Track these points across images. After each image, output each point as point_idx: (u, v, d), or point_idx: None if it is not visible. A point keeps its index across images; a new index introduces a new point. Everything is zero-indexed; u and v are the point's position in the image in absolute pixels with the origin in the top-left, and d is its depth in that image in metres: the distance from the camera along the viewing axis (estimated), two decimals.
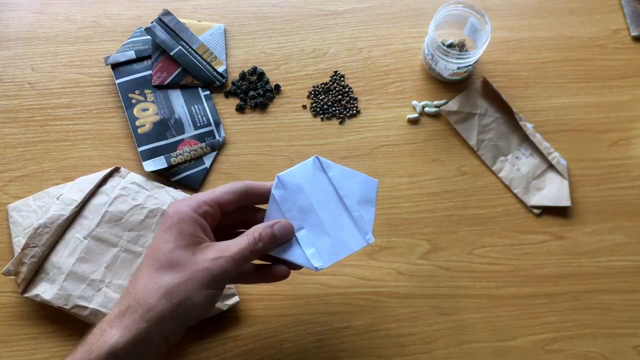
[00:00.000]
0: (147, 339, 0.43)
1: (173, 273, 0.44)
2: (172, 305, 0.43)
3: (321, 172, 0.53)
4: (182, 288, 0.44)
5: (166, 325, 0.44)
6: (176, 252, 0.45)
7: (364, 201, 0.54)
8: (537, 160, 0.66)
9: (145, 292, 0.44)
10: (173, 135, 0.66)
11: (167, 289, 0.44)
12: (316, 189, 0.52)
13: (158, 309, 0.43)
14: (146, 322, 0.43)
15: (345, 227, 0.53)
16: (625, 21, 0.72)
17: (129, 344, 0.43)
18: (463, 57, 0.63)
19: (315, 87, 0.69)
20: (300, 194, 0.52)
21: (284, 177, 0.51)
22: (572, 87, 0.69)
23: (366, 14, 0.72)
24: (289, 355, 0.59)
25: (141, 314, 0.43)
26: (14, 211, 0.61)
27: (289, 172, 0.51)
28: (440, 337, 0.60)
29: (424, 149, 0.67)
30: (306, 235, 0.51)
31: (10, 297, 0.60)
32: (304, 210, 0.51)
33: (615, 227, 0.64)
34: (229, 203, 0.48)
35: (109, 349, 0.42)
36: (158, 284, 0.44)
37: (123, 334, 0.43)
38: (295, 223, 0.51)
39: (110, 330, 0.43)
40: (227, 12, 0.72)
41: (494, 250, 0.63)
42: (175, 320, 0.44)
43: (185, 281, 0.44)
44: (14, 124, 0.67)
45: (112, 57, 0.67)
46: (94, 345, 0.43)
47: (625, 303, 0.61)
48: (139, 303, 0.44)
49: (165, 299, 0.43)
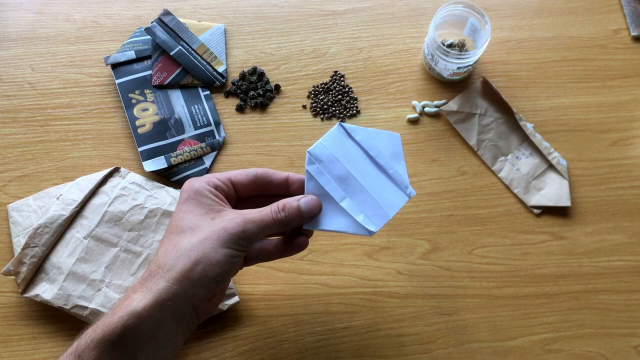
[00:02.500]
0: (168, 300, 0.43)
1: (192, 235, 0.45)
2: (191, 263, 0.43)
3: (348, 138, 0.52)
4: (200, 246, 0.44)
5: (187, 285, 0.43)
6: (195, 218, 0.46)
7: (394, 156, 0.54)
8: (537, 160, 0.66)
9: (165, 255, 0.45)
10: (173, 135, 0.66)
11: (186, 249, 0.44)
12: (348, 155, 0.52)
13: (177, 268, 0.43)
14: (166, 281, 0.43)
15: (385, 187, 0.52)
16: (625, 21, 0.72)
17: (150, 305, 0.43)
18: (463, 57, 0.63)
19: (315, 87, 0.69)
20: (335, 164, 0.51)
21: (314, 151, 0.50)
22: (572, 87, 0.69)
23: (366, 14, 0.72)
24: (289, 355, 0.59)
25: (161, 275, 0.44)
26: (14, 211, 0.61)
27: (318, 145, 0.51)
28: (440, 337, 0.60)
29: (424, 149, 0.67)
30: (351, 203, 0.51)
31: (10, 297, 0.60)
32: (342, 179, 0.51)
33: (615, 227, 0.64)
34: (243, 184, 0.49)
35: (130, 310, 0.42)
36: (177, 246, 0.45)
37: (144, 296, 0.43)
38: (337, 194, 0.50)
39: (133, 295, 0.44)
40: (227, 12, 0.72)
41: (494, 250, 0.63)
42: (195, 280, 0.44)
43: (202, 240, 0.44)
44: (14, 124, 0.67)
45: (112, 57, 0.67)
46: (117, 309, 0.43)
47: (625, 303, 0.61)
48: (160, 266, 0.44)
49: (183, 257, 0.44)
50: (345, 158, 0.51)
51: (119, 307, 0.43)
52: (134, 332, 0.42)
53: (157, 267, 0.44)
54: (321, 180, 0.50)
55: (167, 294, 0.43)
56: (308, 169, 0.50)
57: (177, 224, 0.46)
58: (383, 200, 0.52)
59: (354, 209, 0.50)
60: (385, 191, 0.52)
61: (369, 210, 0.51)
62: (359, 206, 0.51)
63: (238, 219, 0.45)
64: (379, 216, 0.51)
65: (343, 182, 0.51)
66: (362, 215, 0.50)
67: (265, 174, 0.49)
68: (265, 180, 0.49)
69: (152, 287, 0.43)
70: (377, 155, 0.52)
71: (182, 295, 0.44)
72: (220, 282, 0.46)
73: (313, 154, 0.50)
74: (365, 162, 0.52)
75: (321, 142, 0.50)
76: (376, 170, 0.53)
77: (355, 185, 0.51)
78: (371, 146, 0.52)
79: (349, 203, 0.50)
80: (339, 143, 0.51)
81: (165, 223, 0.60)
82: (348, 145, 0.52)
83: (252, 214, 0.46)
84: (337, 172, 0.51)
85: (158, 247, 0.47)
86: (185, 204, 0.47)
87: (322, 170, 0.50)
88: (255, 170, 0.49)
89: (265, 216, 0.46)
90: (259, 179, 0.49)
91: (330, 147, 0.51)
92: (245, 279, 0.61)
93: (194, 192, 0.47)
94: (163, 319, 0.43)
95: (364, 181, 0.52)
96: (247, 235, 0.45)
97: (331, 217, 0.50)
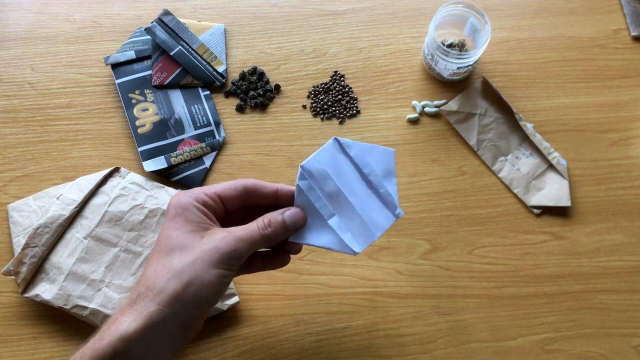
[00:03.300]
0: (159, 323, 0.43)
1: (182, 255, 0.44)
2: (182, 285, 0.43)
3: (342, 153, 0.52)
4: (191, 267, 0.43)
5: (178, 307, 0.43)
6: (184, 236, 0.45)
7: (386, 174, 0.53)
8: (537, 160, 0.66)
9: (155, 277, 0.44)
10: (173, 135, 0.66)
11: (176, 270, 0.43)
12: (340, 172, 0.52)
13: (168, 290, 0.43)
14: (157, 304, 0.43)
15: (374, 207, 0.52)
16: (625, 21, 0.72)
17: (140, 329, 0.42)
18: (463, 57, 0.63)
19: (315, 87, 0.69)
20: (327, 180, 0.51)
21: (307, 166, 0.50)
22: (572, 87, 0.69)
23: (366, 14, 0.72)
24: (289, 355, 0.59)
25: (151, 297, 0.43)
26: (14, 211, 0.61)
27: (311, 160, 0.50)
28: (440, 337, 0.60)
29: (424, 149, 0.67)
30: (339, 220, 0.51)
31: (10, 297, 0.61)
32: (332, 197, 0.51)
33: (615, 227, 0.64)
34: (231, 198, 0.48)
35: (120, 334, 0.42)
36: (167, 267, 0.44)
37: (135, 319, 0.42)
38: (325, 211, 0.50)
39: (122, 317, 0.43)
40: (227, 12, 0.72)
41: (494, 250, 0.63)
42: (187, 302, 0.43)
43: (193, 261, 0.44)
44: (14, 124, 0.67)
45: (112, 57, 0.67)
46: (105, 333, 0.42)
47: (625, 303, 0.61)
48: (149, 288, 0.43)
49: (174, 279, 0.43)
50: (337, 174, 0.51)
51: (107, 331, 0.42)
52: (124, 357, 0.42)
53: (146, 288, 0.43)
54: (311, 197, 0.50)
55: (158, 317, 0.43)
56: (299, 183, 0.50)
57: (165, 242, 0.45)
58: (371, 221, 0.52)
59: (341, 228, 0.50)
60: (374, 211, 0.52)
61: (356, 229, 0.51)
62: (347, 225, 0.51)
63: (228, 238, 0.45)
64: (364, 236, 0.51)
65: (333, 199, 0.51)
66: (349, 234, 0.51)
67: (254, 187, 0.49)
68: (254, 193, 0.49)
69: (142, 310, 0.43)
70: (369, 173, 0.52)
71: (173, 317, 0.43)
72: (212, 303, 0.46)
73: (306, 169, 0.50)
74: (357, 180, 0.52)
75: (315, 157, 0.50)
76: (366, 189, 0.52)
77: (344, 203, 0.51)
78: (365, 163, 0.52)
79: (336, 221, 0.50)
80: (332, 158, 0.51)
81: None
82: (341, 161, 0.52)
83: (240, 232, 0.46)
84: (328, 189, 0.50)
85: (146, 267, 0.46)
86: (173, 221, 0.46)
87: (313, 187, 0.50)
88: (244, 182, 0.48)
89: (253, 233, 0.46)
90: (248, 191, 0.49)
91: (323, 163, 0.51)
92: (245, 279, 0.61)
93: (182, 209, 0.46)
94: (153, 342, 0.43)
95: (354, 200, 0.51)
96: (238, 254, 0.45)
97: (318, 232, 0.50)
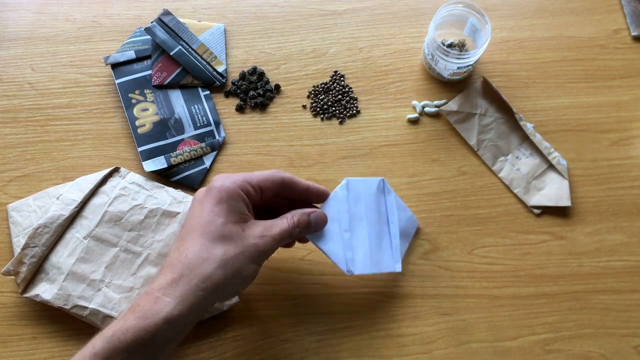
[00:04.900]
0: (201, 308, 0.45)
1: (227, 245, 0.46)
2: (227, 276, 0.45)
3: (382, 193, 0.58)
4: (236, 261, 0.46)
5: (219, 294, 0.46)
6: (228, 227, 0.47)
7: (405, 234, 0.60)
8: (537, 160, 0.66)
9: (200, 262, 0.45)
10: (173, 135, 0.66)
11: (222, 261, 0.45)
12: (372, 205, 0.57)
13: (214, 279, 0.45)
14: (202, 291, 0.44)
15: (383, 248, 0.58)
16: (625, 21, 0.72)
17: (185, 313, 0.44)
18: (463, 57, 0.63)
19: (315, 87, 0.69)
20: (358, 203, 0.56)
21: (352, 182, 0.55)
22: (572, 87, 0.69)
23: (366, 14, 0.72)
24: (289, 355, 0.59)
25: (197, 283, 0.44)
26: (14, 211, 0.61)
27: (356, 180, 0.56)
28: (440, 337, 0.60)
29: (424, 149, 0.67)
30: (350, 239, 0.55)
31: (10, 297, 0.60)
32: (355, 218, 0.55)
33: (615, 227, 0.64)
34: (268, 190, 0.50)
35: (165, 316, 0.43)
36: (213, 255, 0.45)
37: (180, 303, 0.44)
38: (343, 224, 0.54)
39: (164, 298, 0.44)
40: (227, 12, 0.72)
41: (494, 250, 0.63)
42: (226, 290, 0.47)
43: (237, 254, 0.46)
44: (14, 124, 0.67)
45: (112, 57, 0.67)
46: (148, 312, 0.43)
47: (625, 303, 0.61)
48: (194, 272, 0.45)
49: (221, 269, 0.45)
50: (368, 205, 0.57)
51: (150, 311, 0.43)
52: (164, 336, 0.43)
53: (189, 271, 0.45)
54: (340, 206, 0.54)
55: (203, 303, 0.45)
56: (338, 190, 0.55)
57: (210, 228, 0.46)
58: (374, 256, 0.56)
59: (347, 245, 0.55)
60: (381, 251, 0.57)
61: (359, 255, 0.55)
62: (355, 246, 0.55)
63: (267, 237, 0.48)
64: (362, 264, 0.55)
65: (354, 220, 0.55)
66: (351, 254, 0.55)
67: (291, 182, 0.51)
68: (290, 188, 0.51)
69: (187, 295, 0.44)
70: (392, 221, 0.58)
71: (213, 301, 0.46)
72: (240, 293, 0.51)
73: (349, 183, 0.55)
74: (381, 220, 0.58)
75: (361, 180, 0.56)
76: (385, 231, 0.58)
77: (361, 229, 0.56)
78: (393, 212, 0.58)
79: (347, 237, 0.55)
80: (372, 191, 0.57)
81: (165, 223, 0.60)
82: (378, 198, 0.58)
83: (274, 230, 0.48)
84: (355, 210, 0.55)
85: (182, 245, 0.47)
86: (218, 206, 0.47)
87: (346, 200, 0.55)
88: (282, 176, 0.51)
89: (284, 232, 0.49)
90: (286, 185, 0.51)
91: (363, 189, 0.56)
92: None
93: (227, 195, 0.47)
94: (189, 324, 0.45)
95: (370, 231, 0.56)
96: (271, 252, 0.49)
97: (327, 238, 0.53)
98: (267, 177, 0.50)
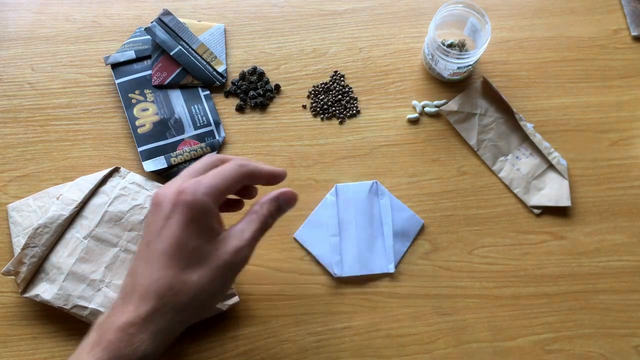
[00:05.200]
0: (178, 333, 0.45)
1: (200, 269, 0.43)
2: (204, 302, 0.44)
3: (375, 195, 0.59)
4: (212, 285, 0.44)
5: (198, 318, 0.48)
6: (201, 249, 0.44)
7: (402, 234, 0.61)
8: (537, 160, 0.66)
9: (175, 292, 0.42)
10: (173, 135, 0.66)
11: (198, 289, 0.43)
12: (362, 209, 0.58)
13: (191, 309, 0.43)
14: (178, 323, 0.44)
15: (374, 250, 0.59)
16: (625, 21, 0.72)
17: (161, 347, 0.43)
18: (463, 57, 0.63)
19: (315, 87, 0.69)
20: (348, 208, 0.57)
21: (340, 188, 0.57)
22: (572, 87, 0.69)
23: (366, 14, 0.72)
24: (289, 355, 0.59)
25: (172, 316, 0.43)
26: (14, 211, 0.61)
27: (346, 186, 0.58)
28: (440, 337, 0.60)
29: (424, 149, 0.67)
30: (338, 242, 0.57)
31: (10, 297, 0.61)
32: (344, 222, 0.57)
33: (615, 227, 0.64)
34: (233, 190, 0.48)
35: (141, 356, 0.41)
36: (188, 284, 0.43)
37: (156, 338, 0.42)
38: (331, 229, 0.57)
39: (138, 335, 0.41)
40: (227, 12, 0.72)
41: (494, 250, 0.63)
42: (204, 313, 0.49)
43: (213, 279, 0.44)
44: (14, 124, 0.67)
45: (112, 57, 0.67)
46: (123, 351, 0.41)
47: (625, 303, 0.61)
48: (169, 305, 0.42)
49: (196, 299, 0.43)
50: (358, 209, 0.58)
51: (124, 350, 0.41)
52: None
53: (163, 305, 0.42)
54: (329, 212, 0.56)
55: (179, 331, 0.44)
56: (328, 197, 0.56)
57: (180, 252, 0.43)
58: (364, 258, 0.58)
59: (335, 249, 0.57)
60: (372, 253, 0.59)
61: (348, 257, 0.57)
62: (343, 249, 0.57)
63: (242, 252, 0.45)
64: (351, 267, 0.58)
65: (344, 224, 0.57)
66: (340, 257, 0.57)
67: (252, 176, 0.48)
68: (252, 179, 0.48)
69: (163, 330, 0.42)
70: (386, 223, 0.59)
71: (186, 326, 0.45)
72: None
73: (339, 189, 0.57)
74: (373, 222, 0.59)
75: (352, 185, 0.57)
76: (377, 233, 0.59)
77: (351, 233, 0.58)
78: (387, 213, 0.59)
79: (335, 242, 0.57)
80: (363, 194, 0.58)
81: None
82: (370, 201, 0.59)
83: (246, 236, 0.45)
84: (344, 215, 0.57)
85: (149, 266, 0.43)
86: (190, 226, 0.43)
87: (335, 205, 0.57)
88: (242, 173, 0.47)
89: (256, 232, 0.46)
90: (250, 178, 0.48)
91: (355, 193, 0.58)
92: (245, 279, 0.61)
93: (200, 213, 0.43)
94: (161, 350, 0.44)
95: (360, 234, 0.58)
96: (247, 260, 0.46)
97: (317, 241, 0.56)
98: (233, 178, 0.46)
